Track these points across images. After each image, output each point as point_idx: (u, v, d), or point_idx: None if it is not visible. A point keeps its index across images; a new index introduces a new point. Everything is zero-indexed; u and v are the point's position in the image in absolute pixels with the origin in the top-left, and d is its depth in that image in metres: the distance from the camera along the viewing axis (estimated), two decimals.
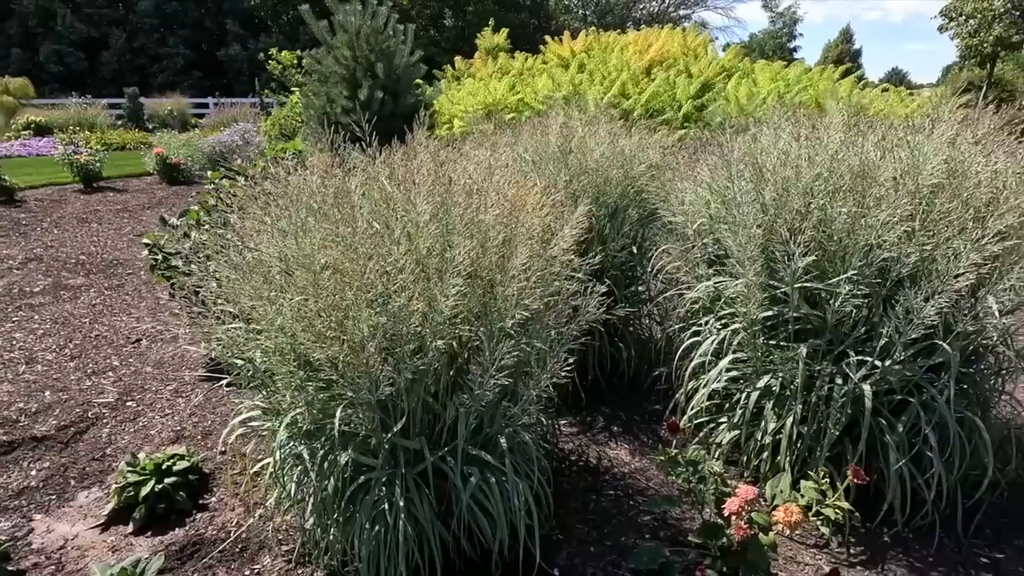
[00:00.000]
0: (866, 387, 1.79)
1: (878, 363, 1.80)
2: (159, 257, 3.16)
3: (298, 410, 1.52)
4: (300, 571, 1.83)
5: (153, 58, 25.07)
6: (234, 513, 2.10)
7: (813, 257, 1.83)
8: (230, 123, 14.15)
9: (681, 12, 34.33)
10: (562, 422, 2.67)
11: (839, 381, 1.87)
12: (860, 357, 1.83)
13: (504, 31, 11.02)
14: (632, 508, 2.15)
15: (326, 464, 1.60)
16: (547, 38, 9.57)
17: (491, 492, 1.68)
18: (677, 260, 2.42)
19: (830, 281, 1.83)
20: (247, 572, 1.84)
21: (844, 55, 31.68)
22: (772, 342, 2.04)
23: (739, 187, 2.01)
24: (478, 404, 1.54)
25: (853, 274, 1.76)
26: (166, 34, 25.27)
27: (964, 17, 19.87)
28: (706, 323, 2.28)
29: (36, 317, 3.98)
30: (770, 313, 2.00)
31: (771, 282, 1.94)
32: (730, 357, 2.08)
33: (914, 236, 1.70)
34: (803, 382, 1.91)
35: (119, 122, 16.89)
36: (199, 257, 1.79)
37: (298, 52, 16.10)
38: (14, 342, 3.57)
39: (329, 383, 1.50)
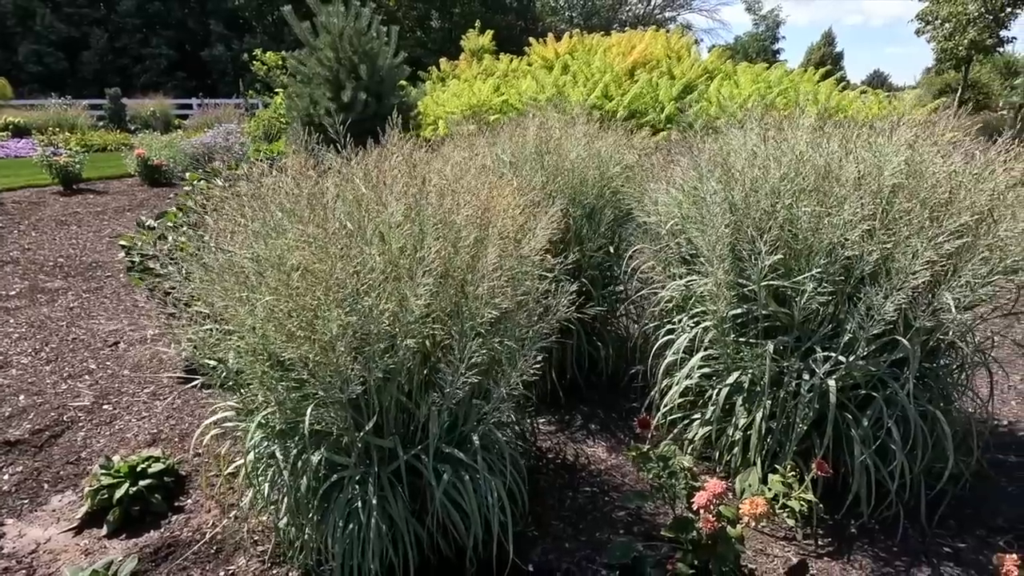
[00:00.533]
0: (831, 382, 1.84)
1: (843, 359, 1.85)
2: (136, 259, 3.14)
3: (270, 409, 1.53)
4: (275, 571, 1.83)
5: (136, 58, 24.77)
6: (210, 515, 2.10)
7: (780, 256, 1.88)
8: (214, 124, 14.01)
9: (667, 14, 34.64)
10: (540, 420, 2.70)
11: (806, 377, 1.91)
12: (826, 353, 1.88)
13: (489, 33, 11.05)
14: (607, 504, 2.18)
15: (299, 464, 1.61)
16: (532, 40, 9.62)
17: (464, 489, 1.70)
18: (651, 259, 2.46)
19: (796, 279, 1.87)
20: (222, 573, 1.84)
21: (827, 58, 32.14)
22: (742, 339, 2.08)
23: (708, 187, 2.05)
24: (449, 402, 1.56)
25: (818, 272, 1.81)
26: (149, 34, 24.99)
27: (940, 21, 20.27)
28: (679, 321, 2.32)
29: (11, 321, 3.92)
30: (739, 311, 2.04)
31: (740, 280, 1.98)
32: (702, 354, 2.12)
33: (875, 235, 1.75)
34: (771, 378, 1.95)
35: (100, 123, 16.66)
36: (174, 259, 1.79)
37: (283, 53, 16.01)
38: None
39: (301, 382, 1.51)
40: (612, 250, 2.82)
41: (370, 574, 1.59)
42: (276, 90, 11.94)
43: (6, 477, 2.32)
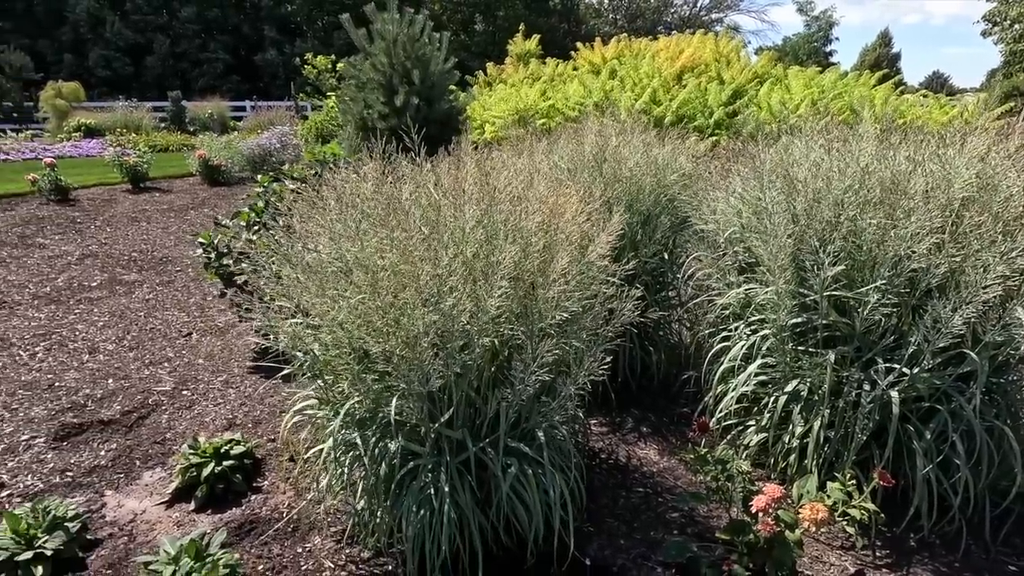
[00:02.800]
0: (894, 394, 1.84)
1: (906, 370, 1.85)
2: (212, 256, 3.36)
3: (356, 399, 1.65)
4: (348, 551, 1.96)
5: (194, 63, 25.98)
6: (285, 496, 2.26)
7: (842, 266, 1.89)
8: (266, 125, 14.60)
9: (713, 16, 34.00)
10: (592, 422, 2.76)
11: (867, 387, 1.92)
12: (888, 364, 1.88)
13: (536, 37, 11.15)
14: (660, 505, 2.23)
15: (376, 451, 1.73)
16: (578, 44, 9.66)
17: (528, 483, 1.78)
18: (708, 267, 2.49)
19: (859, 290, 1.88)
20: (299, 550, 1.98)
21: (882, 59, 30.92)
22: (801, 348, 2.10)
23: (770, 197, 2.07)
24: (519, 398, 1.65)
25: (882, 284, 1.82)
26: (207, 39, 26.17)
27: (1009, 22, 19.24)
28: (736, 328, 2.35)
29: (95, 310, 4.24)
30: (799, 320, 2.06)
31: (801, 290, 2.01)
32: (759, 362, 2.15)
33: (943, 248, 1.75)
34: (831, 387, 1.96)
35: (162, 124, 17.56)
36: (261, 256, 1.94)
37: (332, 57, 16.53)
38: (77, 332, 3.83)
39: (383, 375, 1.63)
40: (666, 256, 2.86)
41: (439, 556, 1.70)
42: (327, 93, 12.34)
43: (103, 453, 2.54)
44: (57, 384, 3.13)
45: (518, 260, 1.69)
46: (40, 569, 1.80)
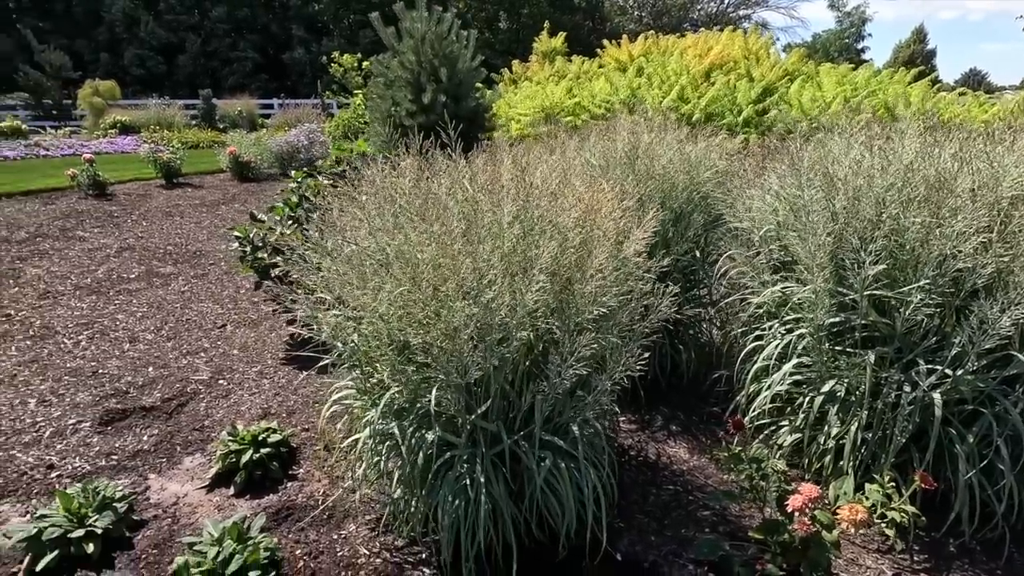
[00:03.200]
0: (936, 396, 1.81)
1: (949, 372, 1.81)
2: (247, 249, 3.44)
3: (395, 389, 1.68)
4: (382, 539, 2.00)
5: (224, 61, 26.52)
6: (320, 484, 2.31)
7: (884, 265, 1.86)
8: (294, 123, 14.85)
9: (741, 12, 33.45)
10: (621, 419, 2.76)
11: (907, 389, 1.89)
12: (930, 366, 1.85)
13: (562, 35, 11.12)
14: (691, 503, 2.22)
15: (413, 441, 1.76)
16: (604, 41, 9.61)
17: (561, 477, 1.79)
18: (742, 265, 2.47)
19: (901, 289, 1.85)
20: (335, 536, 2.03)
21: (916, 56, 30.07)
22: (838, 348, 2.07)
23: (809, 195, 2.05)
24: (555, 392, 1.66)
25: (926, 283, 1.78)
26: (237, 39, 26.68)
27: None
28: (770, 328, 2.33)
29: (135, 301, 4.38)
30: (837, 319, 2.03)
31: (840, 289, 1.98)
32: (794, 361, 2.12)
33: (991, 247, 1.71)
34: (870, 388, 1.93)
35: (193, 122, 17.97)
36: (301, 249, 1.98)
37: (358, 55, 16.70)
38: (117, 322, 3.96)
39: (421, 366, 1.66)
40: (698, 254, 2.84)
41: (473, 546, 1.72)
42: (354, 92, 12.48)
43: (145, 438, 2.62)
44: (100, 371, 3.24)
45: (555, 255, 1.70)
46: (91, 546, 1.88)
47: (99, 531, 1.91)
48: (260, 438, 2.34)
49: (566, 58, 10.13)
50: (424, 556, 1.93)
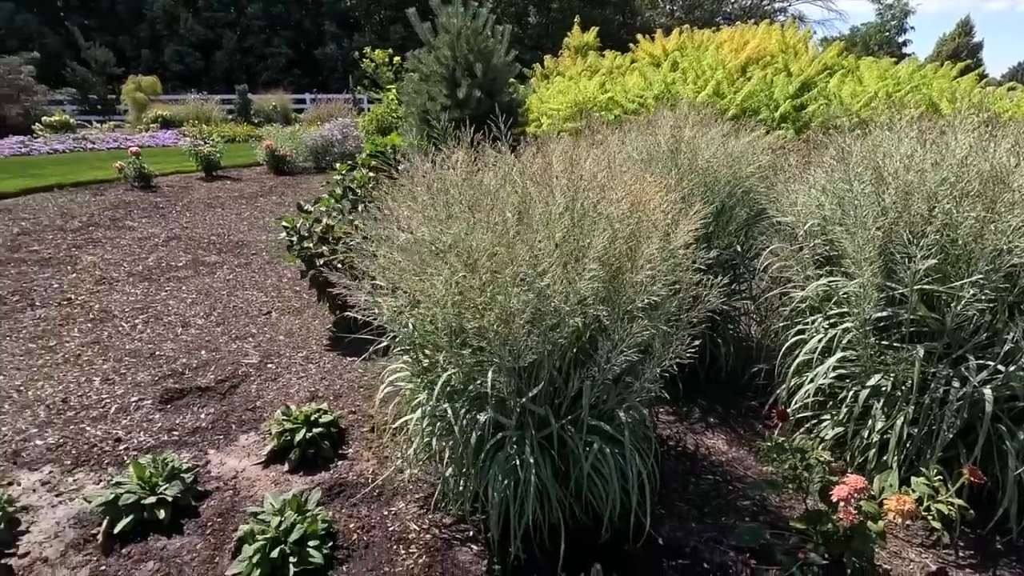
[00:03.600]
0: (987, 391, 1.80)
1: (1001, 368, 1.80)
2: (294, 239, 3.56)
3: (451, 371, 1.76)
4: (430, 516, 2.09)
5: (259, 57, 27.07)
6: (368, 464, 2.41)
7: (935, 260, 1.86)
8: (326, 117, 15.12)
9: (776, 5, 32.65)
10: (659, 410, 2.80)
11: (956, 384, 1.88)
12: (980, 362, 1.84)
13: (594, 30, 11.08)
14: (731, 493, 2.25)
15: (465, 422, 1.83)
16: (639, 36, 9.54)
17: (606, 461, 1.85)
18: (785, 260, 2.47)
19: (952, 284, 1.85)
20: (385, 512, 2.12)
21: (961, 49, 28.95)
22: (884, 342, 2.07)
23: (858, 189, 2.05)
24: (604, 377, 1.71)
25: (978, 278, 1.78)
26: (271, 35, 27.19)
27: None
28: (813, 322, 2.33)
29: (183, 288, 4.57)
30: (884, 314, 2.03)
31: (888, 283, 1.98)
32: (839, 355, 2.13)
33: None
34: (917, 383, 1.94)
35: (230, 116, 18.42)
36: (357, 237, 2.07)
37: (389, 51, 16.89)
38: (169, 308, 4.14)
39: (476, 350, 1.73)
40: (739, 249, 2.85)
41: (521, 524, 1.79)
42: (387, 87, 12.64)
43: (203, 416, 2.77)
44: (157, 353, 3.41)
45: (606, 245, 1.75)
46: (162, 512, 2.01)
47: (169, 499, 2.04)
48: (312, 418, 2.45)
49: (598, 53, 10.09)
50: (471, 534, 2.01)
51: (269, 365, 3.28)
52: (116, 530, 1.95)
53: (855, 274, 1.99)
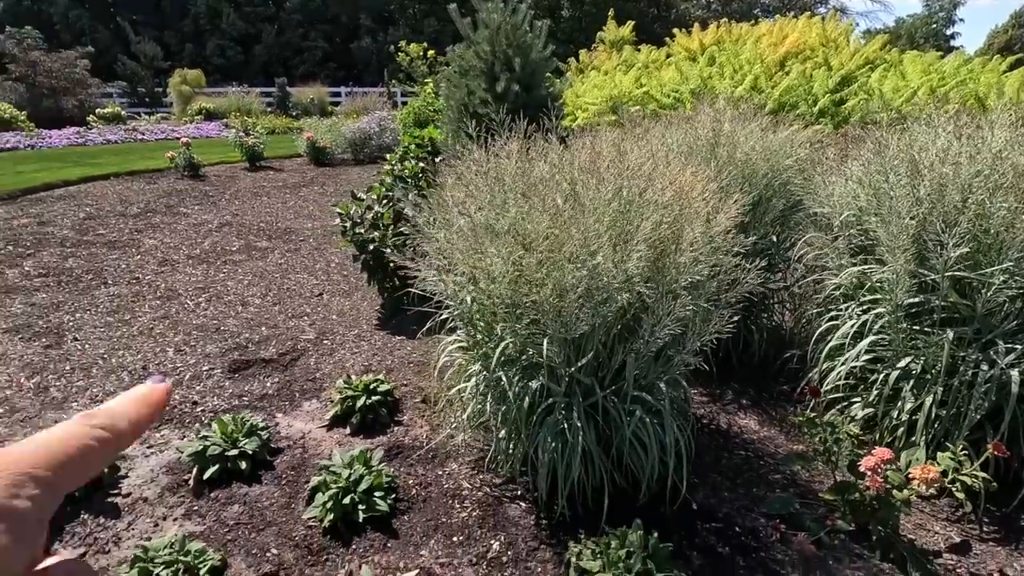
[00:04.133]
0: (1015, 373, 1.90)
1: None
2: (348, 225, 3.79)
3: (508, 341, 1.94)
4: (481, 476, 2.28)
5: (296, 51, 27.72)
6: (422, 430, 2.61)
7: (967, 248, 1.95)
8: (361, 110, 15.48)
9: None
10: (693, 391, 2.93)
11: (984, 367, 1.98)
12: (1009, 345, 1.93)
13: (630, 24, 11.09)
14: (762, 467, 2.38)
15: (518, 388, 2.01)
16: (675, 31, 9.54)
17: (646, 429, 2.01)
18: (820, 249, 2.58)
19: (983, 271, 1.94)
20: (439, 472, 2.32)
21: (1014, 42, 27.75)
22: (916, 327, 2.17)
23: (894, 180, 2.15)
24: (648, 350, 1.87)
25: (1009, 266, 1.87)
26: (308, 29, 27.80)
27: None
28: (846, 308, 2.44)
29: (239, 270, 4.87)
30: (916, 300, 2.13)
31: (920, 270, 2.08)
32: (871, 338, 2.24)
33: None
34: (946, 366, 2.04)
35: (268, 108, 18.98)
36: (420, 219, 2.26)
37: (424, 44, 17.14)
38: (228, 288, 4.44)
39: (531, 323, 1.90)
40: (774, 239, 2.95)
41: (566, 484, 1.96)
42: (424, 81, 12.88)
43: (268, 384, 3.02)
44: (222, 328, 3.69)
45: (653, 229, 1.90)
46: (243, 463, 2.25)
47: (249, 452, 2.28)
48: (371, 387, 2.67)
49: (634, 47, 10.12)
50: (519, 492, 2.19)
51: (325, 341, 3.52)
52: (205, 477, 2.20)
53: (889, 261, 2.10)
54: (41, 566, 0.25)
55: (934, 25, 32.04)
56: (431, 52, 16.70)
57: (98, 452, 0.26)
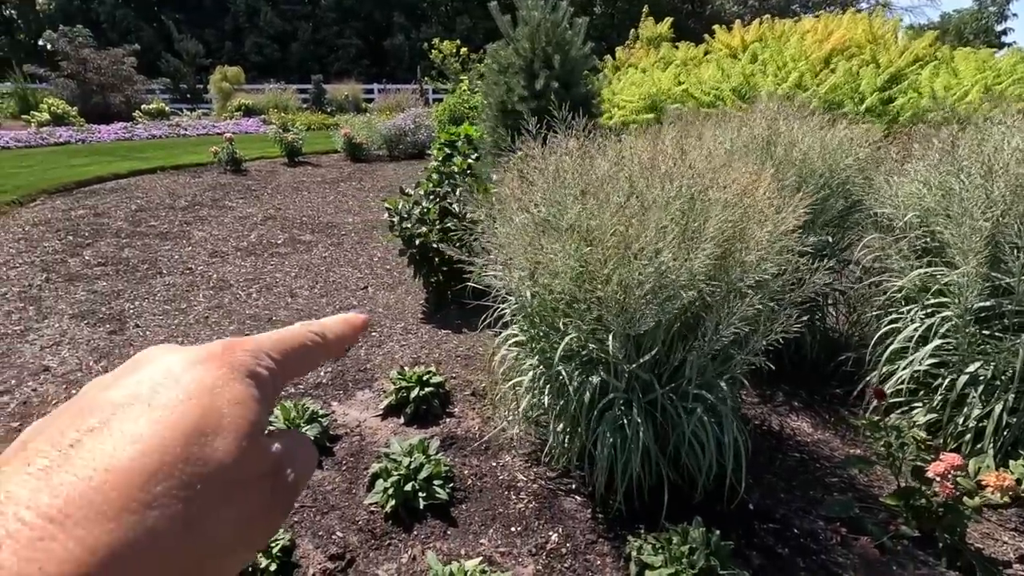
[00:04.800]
0: None
1: None
2: (396, 219, 3.86)
3: (571, 336, 1.96)
4: (535, 469, 2.31)
5: (330, 48, 28.17)
6: (473, 422, 2.66)
7: None
8: (394, 107, 15.65)
9: None
10: (742, 392, 2.91)
11: None
12: None
13: (668, 20, 10.97)
14: (817, 469, 2.36)
15: (577, 383, 2.03)
16: (715, 27, 9.40)
17: (705, 428, 2.01)
18: (880, 251, 2.53)
19: None
20: (493, 464, 2.36)
21: None
22: (986, 332, 2.12)
23: (962, 182, 2.10)
24: (712, 348, 1.87)
25: None
26: (343, 27, 28.21)
27: None
28: (908, 311, 2.39)
29: (286, 263, 5.00)
30: (987, 303, 2.08)
31: (994, 273, 2.03)
32: (936, 343, 2.19)
33: None
34: (1019, 372, 1.98)
35: (304, 105, 19.33)
36: (481, 214, 2.30)
37: (457, 42, 17.25)
38: (276, 279, 4.56)
39: (597, 318, 1.92)
40: (830, 240, 2.91)
41: (625, 479, 1.98)
42: (461, 78, 12.96)
43: (322, 374, 3.10)
44: (274, 318, 3.80)
45: (720, 227, 1.90)
46: None
47: (311, 437, 2.35)
48: (424, 378, 2.72)
49: (671, 44, 10.00)
50: (574, 486, 2.22)
51: (373, 333, 3.60)
52: None
53: (960, 264, 2.05)
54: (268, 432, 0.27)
55: (983, 20, 30.75)
56: (464, 50, 16.78)
57: (314, 352, 0.31)
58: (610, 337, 1.84)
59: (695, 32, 13.36)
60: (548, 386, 2.17)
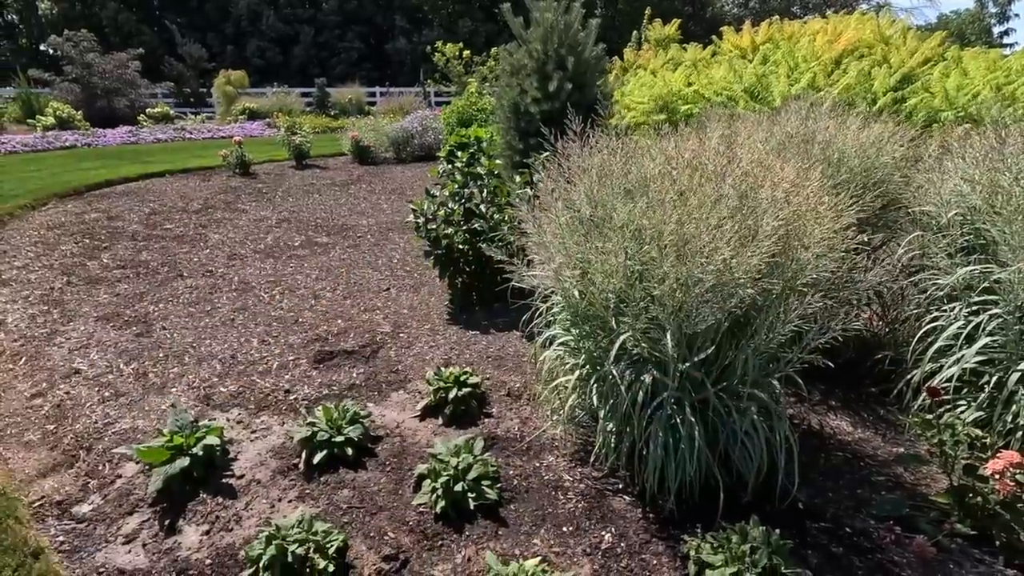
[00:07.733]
0: None
1: None
2: (421, 220, 3.86)
3: (626, 335, 1.96)
4: (581, 469, 2.30)
5: (332, 52, 28.18)
6: (512, 422, 2.65)
7: None
8: (397, 111, 15.68)
9: None
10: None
11: None
12: None
13: (676, 22, 11.00)
14: (863, 468, 2.35)
15: (628, 382, 2.03)
16: (723, 29, 9.42)
17: (756, 427, 2.00)
18: (921, 249, 2.53)
19: None
20: (537, 464, 2.35)
21: None
22: None
23: (1010, 180, 2.10)
24: (768, 347, 1.86)
25: None
26: (344, 30, 28.24)
27: None
28: (952, 309, 2.39)
29: (305, 265, 4.98)
30: None
31: None
32: (984, 341, 2.19)
33: None
34: None
35: (308, 108, 19.34)
36: (527, 214, 2.29)
37: (460, 45, 17.27)
38: (298, 281, 4.55)
39: (653, 318, 1.92)
40: (865, 238, 2.90)
41: (677, 479, 1.97)
42: (469, 80, 12.97)
43: (354, 375, 3.09)
44: (300, 320, 3.79)
45: (774, 226, 1.89)
46: (349, 450, 2.31)
47: (353, 439, 2.34)
48: (461, 379, 2.71)
49: (680, 46, 10.02)
50: (621, 486, 2.21)
51: (401, 334, 3.59)
52: (315, 461, 2.27)
53: (1010, 261, 2.05)
54: None
55: (985, 21, 30.82)
56: (467, 52, 16.80)
57: None
58: (667, 335, 1.83)
59: (696, 35, 13.40)
60: (596, 386, 2.16)
